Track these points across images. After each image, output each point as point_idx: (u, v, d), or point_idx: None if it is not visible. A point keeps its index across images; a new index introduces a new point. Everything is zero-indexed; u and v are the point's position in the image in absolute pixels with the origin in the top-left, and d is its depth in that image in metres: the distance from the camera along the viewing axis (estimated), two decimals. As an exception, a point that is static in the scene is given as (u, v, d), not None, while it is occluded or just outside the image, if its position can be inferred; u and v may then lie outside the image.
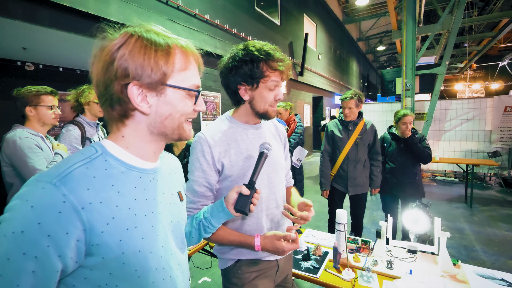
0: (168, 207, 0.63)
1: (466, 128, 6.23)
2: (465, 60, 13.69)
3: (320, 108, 12.02)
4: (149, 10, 3.75)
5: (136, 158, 0.58)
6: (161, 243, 0.58)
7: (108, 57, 0.52)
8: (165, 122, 0.57)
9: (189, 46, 0.58)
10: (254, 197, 0.78)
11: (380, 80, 8.94)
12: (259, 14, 6.61)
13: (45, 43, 3.37)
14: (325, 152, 2.60)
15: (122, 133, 0.57)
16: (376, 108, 7.21)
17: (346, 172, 2.47)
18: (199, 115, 4.94)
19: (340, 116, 2.57)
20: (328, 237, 1.87)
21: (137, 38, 0.52)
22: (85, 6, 3.00)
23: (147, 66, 0.52)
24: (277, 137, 1.17)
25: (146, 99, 0.54)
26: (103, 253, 0.48)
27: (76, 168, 0.49)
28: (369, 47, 19.16)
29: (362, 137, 2.46)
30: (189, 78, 0.58)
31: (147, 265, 0.54)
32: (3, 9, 2.49)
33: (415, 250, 1.58)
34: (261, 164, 0.83)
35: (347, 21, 13.62)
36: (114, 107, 0.54)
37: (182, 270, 0.66)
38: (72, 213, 0.45)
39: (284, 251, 0.92)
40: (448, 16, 6.39)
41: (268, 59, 0.93)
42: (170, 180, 0.68)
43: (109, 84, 0.52)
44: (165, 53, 0.53)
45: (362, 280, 1.36)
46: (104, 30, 0.54)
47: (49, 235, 0.43)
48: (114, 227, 0.49)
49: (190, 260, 1.86)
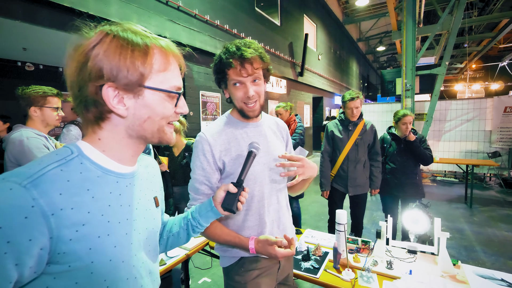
0: (144, 214, 0.61)
1: (466, 128, 6.23)
2: (465, 61, 13.70)
3: (320, 108, 12.02)
4: (149, 11, 3.75)
5: (113, 161, 0.55)
6: (134, 251, 0.55)
7: (82, 57, 0.49)
8: (143, 125, 0.54)
9: (169, 45, 0.56)
10: (241, 195, 0.78)
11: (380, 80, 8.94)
12: (259, 15, 6.62)
13: (45, 43, 3.37)
14: (325, 152, 2.59)
15: (98, 136, 0.54)
16: (376, 109, 7.21)
17: (346, 172, 2.47)
18: (199, 116, 4.94)
19: (341, 116, 2.56)
20: (328, 237, 1.87)
21: (113, 37, 0.49)
22: (85, 7, 3.00)
23: (123, 67, 0.49)
24: (278, 133, 1.17)
25: (123, 101, 0.51)
26: (70, 262, 0.45)
27: (51, 170, 0.46)
28: (369, 48, 19.17)
29: (362, 138, 2.46)
30: (169, 79, 0.55)
31: (117, 275, 0.51)
32: (3, 9, 2.50)
33: (415, 250, 1.58)
34: (250, 163, 0.83)
35: (347, 21, 13.63)
36: (89, 109, 0.52)
37: (152, 278, 0.63)
38: (39, 219, 0.41)
39: (277, 257, 0.92)
40: (448, 16, 6.40)
41: (226, 56, 0.93)
42: (147, 184, 0.65)
43: (83, 85, 0.49)
44: (142, 53, 0.50)
45: (362, 280, 1.36)
46: (80, 28, 0.52)
47: (9, 241, 0.39)
48: (84, 235, 0.46)
49: (190, 260, 1.86)
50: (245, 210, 1.03)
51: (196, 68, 4.84)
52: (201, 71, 4.95)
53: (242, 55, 0.91)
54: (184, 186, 2.50)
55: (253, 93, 0.96)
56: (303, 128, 3.43)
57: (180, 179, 2.47)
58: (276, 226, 1.08)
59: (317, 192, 5.56)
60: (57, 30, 2.90)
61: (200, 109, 4.96)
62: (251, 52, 0.92)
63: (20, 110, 1.64)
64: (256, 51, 0.93)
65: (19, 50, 3.67)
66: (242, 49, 0.92)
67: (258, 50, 0.94)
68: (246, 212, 1.03)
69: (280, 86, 7.52)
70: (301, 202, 4.51)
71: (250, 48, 0.93)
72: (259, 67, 0.95)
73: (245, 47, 0.93)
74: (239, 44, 0.94)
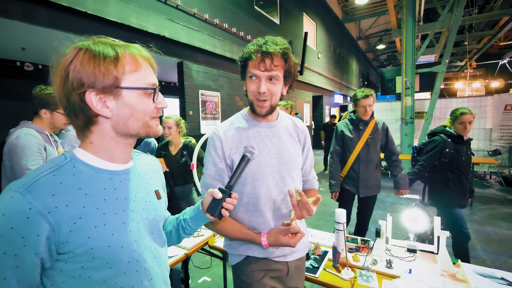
0: (143, 205, 0.68)
1: (466, 126, 6.22)
2: (465, 59, 13.67)
3: (320, 107, 12.01)
4: (148, 10, 3.74)
5: (105, 161, 0.62)
6: (133, 238, 0.62)
7: (63, 72, 0.56)
8: (128, 123, 0.61)
9: (139, 49, 0.62)
10: (227, 202, 0.76)
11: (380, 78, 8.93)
12: (258, 13, 6.60)
13: (44, 43, 3.37)
14: (334, 153, 2.48)
15: (90, 140, 0.61)
16: (376, 107, 7.20)
17: (357, 173, 2.38)
18: (199, 115, 4.93)
19: (351, 115, 2.46)
20: (327, 236, 1.87)
21: (85, 50, 0.56)
22: (84, 6, 2.99)
23: (99, 73, 0.56)
24: (294, 136, 1.12)
25: (106, 104, 0.58)
26: (73, 249, 0.54)
27: (43, 176, 0.54)
28: (369, 46, 19.14)
29: (373, 137, 2.36)
30: (143, 78, 0.61)
31: (118, 258, 0.59)
32: (1, 9, 2.49)
33: (415, 249, 1.58)
34: (241, 168, 0.81)
35: (347, 19, 13.60)
36: (78, 115, 0.58)
37: (159, 263, 0.69)
38: (38, 217, 0.50)
39: (290, 244, 0.92)
40: (448, 14, 6.39)
41: (248, 50, 0.94)
42: (146, 179, 0.72)
43: (69, 95, 0.57)
44: (113, 59, 0.57)
45: (361, 279, 1.36)
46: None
47: (23, 237, 0.49)
48: (81, 226, 0.54)
49: (189, 260, 1.86)
50: (251, 211, 1.01)
51: (195, 67, 4.82)
52: (200, 70, 4.94)
53: (264, 49, 0.90)
54: (184, 185, 2.50)
55: (265, 89, 0.93)
56: (303, 127, 3.42)
57: (179, 179, 2.46)
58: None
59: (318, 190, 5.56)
60: (56, 30, 2.90)
61: (200, 108, 4.95)
62: (274, 48, 0.90)
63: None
64: (280, 48, 0.91)
65: (18, 50, 3.67)
66: (268, 43, 0.92)
67: (283, 47, 0.92)
68: (253, 213, 1.01)
69: (279, 85, 7.52)
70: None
71: (277, 45, 0.91)
72: (279, 65, 0.92)
73: (272, 43, 0.92)
74: (267, 39, 0.94)
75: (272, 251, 1.03)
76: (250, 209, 1.02)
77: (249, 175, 0.99)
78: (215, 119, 5.32)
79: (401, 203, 4.66)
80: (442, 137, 2.33)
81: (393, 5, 7.57)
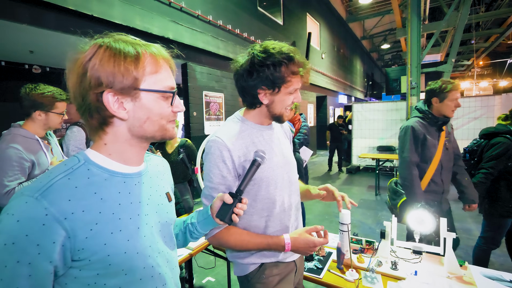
0: (156, 208, 0.66)
1: (474, 126, 6.13)
2: (472, 58, 13.49)
3: (324, 107, 11.96)
4: (152, 12, 3.77)
5: (119, 164, 0.60)
6: (148, 243, 0.60)
7: (80, 69, 0.53)
8: (144, 126, 0.58)
9: (159, 50, 0.60)
10: (237, 207, 0.73)
11: (385, 78, 8.86)
12: (262, 14, 6.61)
13: (51, 46, 3.42)
14: (413, 163, 1.87)
15: (104, 141, 0.59)
16: (381, 107, 7.14)
17: (441, 185, 1.90)
18: (202, 116, 4.95)
19: (426, 112, 1.90)
20: (331, 237, 1.86)
21: (106, 48, 0.54)
22: (90, 9, 3.04)
23: (118, 73, 0.53)
24: (284, 134, 1.17)
25: (123, 105, 0.56)
26: (89, 256, 0.52)
27: (58, 180, 0.51)
28: (373, 46, 19.00)
29: (449, 139, 1.98)
30: (162, 80, 0.59)
31: (133, 264, 0.57)
32: (10, 13, 2.54)
33: (420, 251, 1.56)
34: (252, 172, 0.79)
35: (351, 19, 13.53)
36: (93, 115, 0.56)
37: (171, 267, 0.68)
38: (55, 224, 0.48)
39: (316, 246, 0.91)
40: (454, 12, 6.31)
41: (289, 63, 0.90)
42: (157, 181, 0.70)
43: (85, 94, 0.54)
44: (134, 59, 0.55)
45: (366, 281, 1.34)
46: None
47: (38, 244, 0.47)
48: (97, 232, 0.52)
49: (193, 259, 1.87)
50: (266, 216, 1.00)
51: (199, 68, 4.85)
52: (204, 71, 4.96)
53: (305, 65, 0.93)
54: (183, 183, 2.54)
55: (300, 99, 0.99)
56: (308, 127, 3.41)
57: (178, 176, 2.49)
58: (295, 230, 1.07)
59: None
60: (63, 33, 2.94)
61: (204, 109, 4.97)
62: (308, 63, 0.97)
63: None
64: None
65: (26, 53, 3.73)
66: (303, 58, 0.95)
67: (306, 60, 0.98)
68: (268, 218, 1.00)
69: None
70: (305, 201, 4.49)
71: (304, 58, 0.96)
72: None
73: (302, 56, 0.96)
74: (298, 54, 0.94)
75: (285, 253, 1.03)
76: (264, 214, 1.00)
77: (264, 180, 0.97)
78: (219, 120, 5.34)
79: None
80: (509, 138, 2.04)
81: (397, 4, 7.51)
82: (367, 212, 4.24)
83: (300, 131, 3.33)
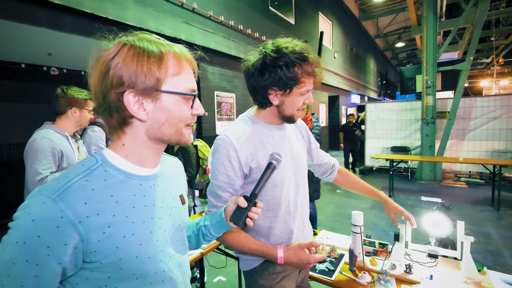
0: (169, 211, 0.65)
1: (493, 126, 5.90)
2: (492, 55, 12.98)
3: (336, 107, 11.81)
4: (165, 14, 3.83)
5: (135, 166, 0.59)
6: (160, 247, 0.59)
7: (103, 67, 0.53)
8: (162, 128, 0.58)
9: (182, 51, 0.59)
10: (251, 211, 0.72)
11: (399, 77, 8.67)
12: (273, 14, 6.59)
13: (68, 48, 3.53)
14: None
15: (122, 141, 0.58)
16: (395, 107, 6.98)
17: None
18: (214, 116, 4.99)
19: None
20: (344, 239, 1.83)
21: (130, 46, 0.53)
22: (105, 12, 3.12)
23: (141, 73, 0.52)
24: (298, 134, 1.15)
25: (143, 106, 0.55)
26: (101, 259, 0.51)
27: (76, 182, 0.51)
28: (387, 44, 18.61)
29: None
30: (184, 82, 0.58)
31: (145, 269, 0.56)
32: (30, 17, 2.64)
33: (436, 254, 1.51)
34: (267, 175, 0.77)
35: (364, 17, 13.30)
36: (112, 115, 0.56)
37: (182, 271, 0.67)
38: (69, 226, 0.48)
39: (310, 263, 0.88)
40: (473, 9, 6.09)
41: (303, 63, 0.88)
42: (172, 184, 0.69)
43: (106, 93, 0.54)
44: (157, 59, 0.54)
45: (379, 284, 1.32)
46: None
47: (49, 246, 0.46)
48: (110, 235, 0.52)
49: (205, 258, 1.88)
50: (270, 217, 1.00)
51: (211, 69, 4.89)
52: (215, 72, 5.00)
53: (320, 65, 0.92)
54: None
55: (312, 99, 0.98)
56: (320, 127, 3.38)
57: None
58: (301, 232, 1.07)
59: (332, 192, 5.47)
60: (79, 35, 3.03)
61: (215, 110, 5.01)
62: (322, 62, 0.95)
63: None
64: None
65: (44, 55, 3.87)
66: (317, 57, 0.93)
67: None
68: (273, 219, 1.00)
69: (295, 85, 7.46)
70: (317, 202, 4.44)
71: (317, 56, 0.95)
72: None
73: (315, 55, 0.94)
74: (310, 52, 0.92)
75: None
76: (269, 215, 1.00)
77: (270, 181, 0.96)
78: (230, 120, 5.36)
79: (422, 207, 4.48)
80: None
81: (412, 1, 7.32)
82: (381, 214, 4.16)
83: (312, 131, 3.30)
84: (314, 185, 3.15)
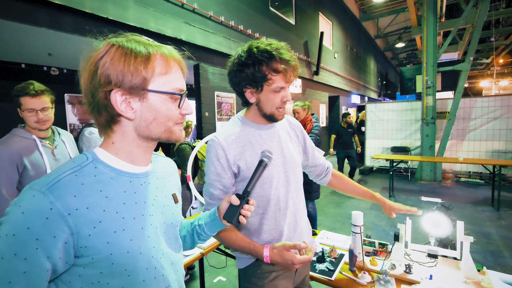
0: (161, 209, 0.66)
1: (493, 127, 5.91)
2: (492, 55, 12.99)
3: (337, 107, 11.81)
4: (165, 14, 3.84)
5: (126, 163, 0.60)
6: (151, 243, 0.60)
7: (92, 66, 0.55)
8: (150, 127, 0.59)
9: (171, 52, 0.60)
10: (244, 209, 0.72)
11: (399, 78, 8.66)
12: (274, 14, 6.60)
13: (68, 48, 3.53)
14: None
15: (112, 140, 0.60)
16: (395, 107, 6.99)
17: None
18: (214, 116, 5.00)
19: None
20: (344, 239, 1.83)
21: (118, 47, 0.55)
22: (105, 12, 3.12)
23: (127, 72, 0.54)
24: (291, 133, 1.15)
25: (130, 105, 0.56)
26: (92, 254, 0.52)
27: (65, 176, 0.52)
28: (387, 44, 18.62)
29: None
30: (171, 82, 0.59)
31: (136, 265, 0.56)
32: (30, 17, 2.64)
33: (436, 254, 1.52)
34: (259, 173, 0.79)
35: (364, 18, 13.31)
36: (101, 113, 0.57)
37: (175, 269, 0.68)
38: (58, 218, 0.48)
39: (294, 264, 0.88)
40: (473, 9, 6.10)
41: (270, 61, 0.90)
42: (164, 182, 0.70)
43: (94, 92, 0.55)
44: (144, 59, 0.55)
45: (379, 284, 1.32)
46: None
47: (37, 238, 0.47)
48: (101, 230, 0.52)
49: (205, 259, 1.88)
50: (261, 213, 1.02)
51: (211, 69, 4.89)
52: (216, 72, 5.00)
53: (289, 62, 0.92)
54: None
55: (290, 97, 0.98)
56: (320, 128, 3.38)
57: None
58: (293, 230, 1.07)
59: (332, 192, 5.47)
60: (80, 36, 3.04)
61: (215, 110, 5.01)
62: (294, 59, 0.94)
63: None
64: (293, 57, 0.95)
65: (45, 55, 3.87)
66: (289, 55, 0.93)
67: (293, 56, 0.95)
68: (262, 216, 1.02)
69: (295, 86, 7.45)
70: (317, 203, 4.45)
71: (290, 54, 0.94)
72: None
73: (288, 51, 0.93)
74: (282, 50, 0.91)
75: None
76: (260, 212, 1.02)
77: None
78: (230, 120, 5.37)
79: (422, 207, 4.48)
80: None
81: (413, 1, 7.33)
82: (381, 214, 4.16)
83: (312, 132, 3.31)
84: (314, 185, 3.15)
